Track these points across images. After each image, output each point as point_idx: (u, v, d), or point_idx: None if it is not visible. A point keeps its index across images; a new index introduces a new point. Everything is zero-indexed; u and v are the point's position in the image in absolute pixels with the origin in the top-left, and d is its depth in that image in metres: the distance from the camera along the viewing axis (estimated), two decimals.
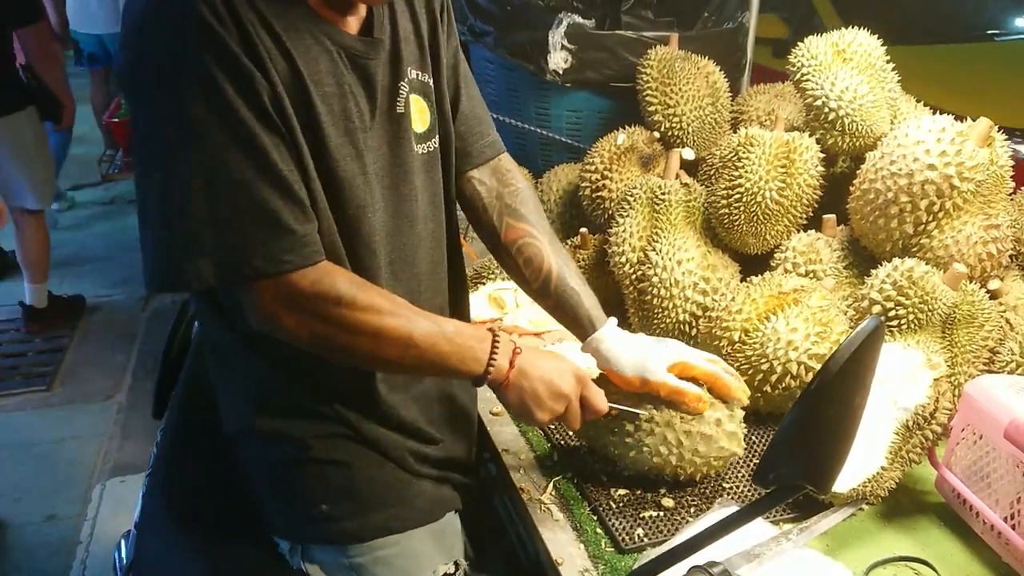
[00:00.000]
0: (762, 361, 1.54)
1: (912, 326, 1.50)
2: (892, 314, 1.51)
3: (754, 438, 1.57)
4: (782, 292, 1.61)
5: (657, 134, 2.16)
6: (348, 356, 1.20)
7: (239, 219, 1.06)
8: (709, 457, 1.39)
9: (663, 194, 1.86)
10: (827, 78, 1.80)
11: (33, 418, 3.78)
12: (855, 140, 1.80)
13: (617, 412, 1.38)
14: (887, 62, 1.87)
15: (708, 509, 1.38)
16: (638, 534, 1.34)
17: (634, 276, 1.85)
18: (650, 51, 2.20)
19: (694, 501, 1.41)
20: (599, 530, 1.36)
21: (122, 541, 1.77)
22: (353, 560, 1.30)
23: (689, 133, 2.14)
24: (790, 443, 0.94)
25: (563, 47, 2.29)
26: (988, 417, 1.31)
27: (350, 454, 1.29)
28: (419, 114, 1.28)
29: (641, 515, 1.38)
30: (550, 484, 1.46)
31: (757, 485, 1.40)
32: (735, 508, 1.34)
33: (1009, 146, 1.68)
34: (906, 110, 1.91)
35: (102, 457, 3.50)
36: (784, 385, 1.53)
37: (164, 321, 3.25)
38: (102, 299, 4.79)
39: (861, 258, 1.78)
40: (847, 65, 1.82)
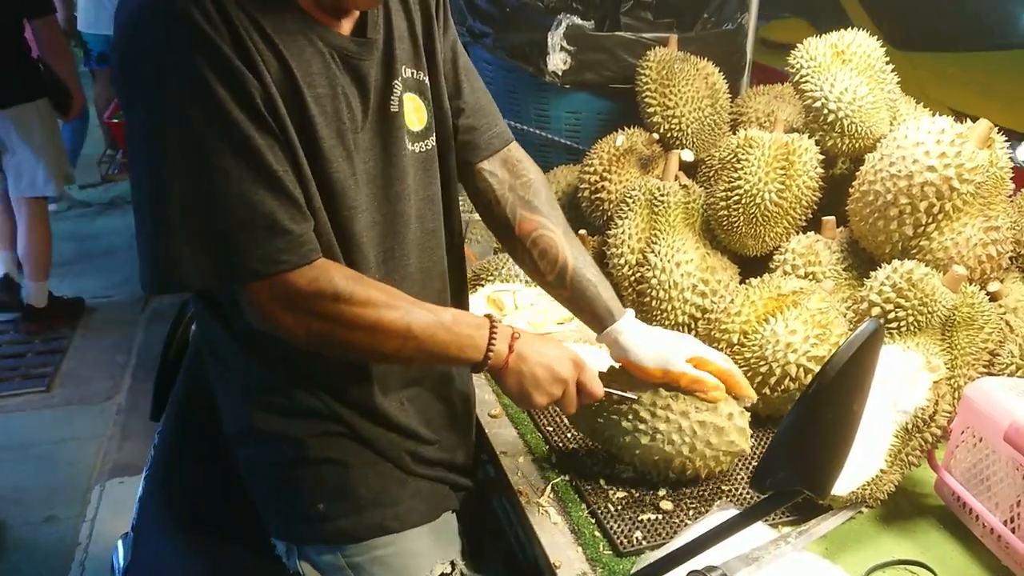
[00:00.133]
0: (761, 363, 1.53)
1: (912, 328, 1.50)
2: (891, 316, 1.51)
3: (753, 441, 1.57)
4: (781, 294, 1.61)
5: (656, 135, 2.16)
6: (347, 351, 1.20)
7: (235, 221, 1.07)
8: (719, 451, 1.39)
9: (662, 196, 1.86)
10: (826, 79, 1.80)
11: (32, 419, 3.77)
12: (854, 142, 1.80)
13: (614, 397, 1.39)
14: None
15: (707, 512, 1.38)
16: (636, 537, 1.33)
17: (633, 278, 1.84)
18: (649, 52, 2.20)
19: (693, 504, 1.41)
20: (597, 533, 1.36)
21: (120, 543, 1.77)
22: (350, 560, 1.30)
23: (688, 135, 2.13)
24: (788, 447, 0.93)
25: (562, 48, 2.29)
26: (988, 420, 1.30)
27: (347, 453, 1.29)
28: (415, 112, 1.28)
29: (639, 518, 1.37)
30: (548, 486, 1.46)
31: (755, 490, 1.40)
32: (734, 511, 1.34)
33: (1009, 149, 1.68)
34: (905, 112, 1.90)
35: (101, 458, 3.49)
36: (783, 387, 1.53)
37: (163, 322, 3.24)
38: (101, 300, 4.78)
39: (860, 260, 1.77)
40: (846, 67, 1.82)
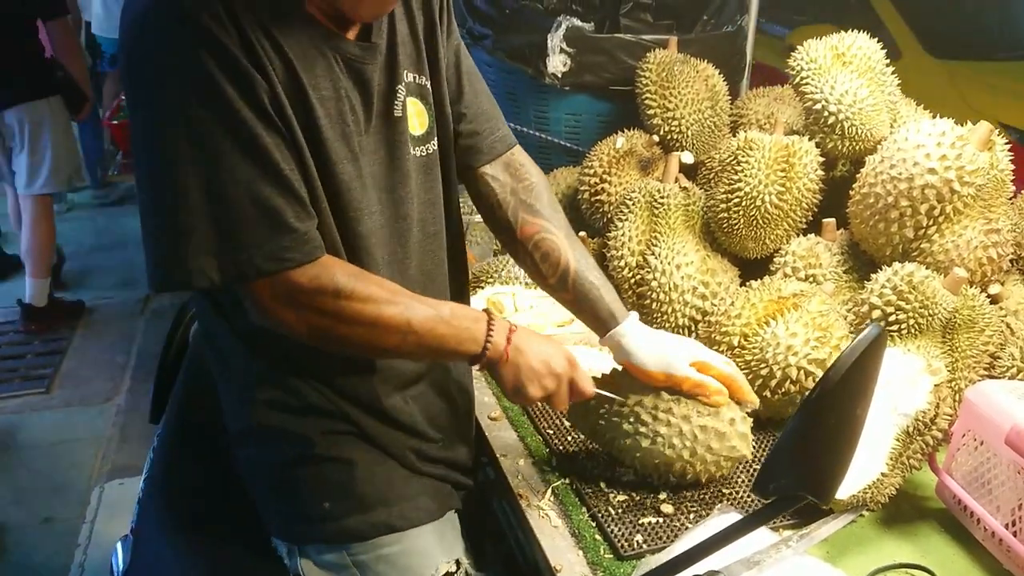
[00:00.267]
0: (762, 366, 1.53)
1: (912, 331, 1.50)
2: (892, 319, 1.51)
3: (754, 444, 1.56)
4: (782, 297, 1.60)
5: (656, 137, 2.16)
6: (348, 346, 1.21)
7: (241, 218, 1.07)
8: (720, 456, 1.39)
9: (662, 198, 1.86)
10: (827, 81, 1.80)
11: (32, 420, 3.77)
12: (855, 144, 1.80)
13: (601, 398, 1.40)
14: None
15: (707, 515, 1.37)
16: (637, 540, 1.33)
17: (633, 280, 1.84)
18: (649, 54, 2.20)
19: (693, 507, 1.41)
20: (598, 536, 1.35)
21: (119, 544, 1.77)
22: (356, 558, 1.30)
23: (688, 137, 2.13)
24: (791, 452, 0.93)
25: (562, 50, 2.29)
26: (989, 423, 1.30)
27: (351, 452, 1.29)
28: (417, 117, 1.28)
29: (640, 521, 1.37)
30: (549, 489, 1.45)
31: (757, 496, 1.39)
32: (735, 514, 1.34)
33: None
34: (906, 114, 1.90)
35: (100, 459, 3.49)
36: (784, 390, 1.53)
37: (163, 323, 3.24)
38: (101, 301, 4.78)
39: (861, 262, 1.77)
40: (847, 69, 1.82)
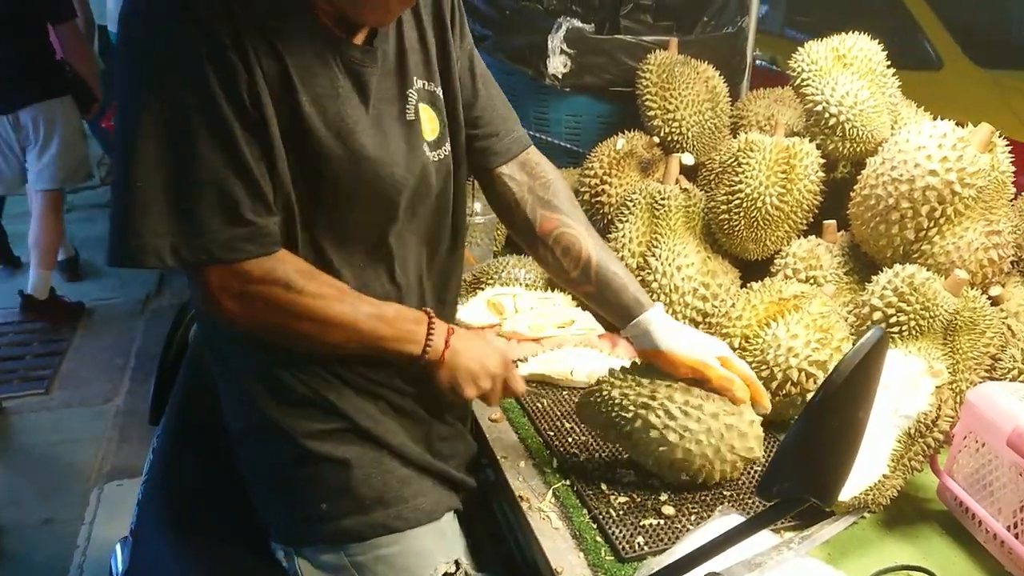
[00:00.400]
0: (762, 368, 1.53)
1: (913, 333, 1.50)
2: (893, 321, 1.51)
3: (762, 456, 1.56)
4: (782, 298, 1.60)
5: (656, 139, 2.16)
6: (291, 340, 1.23)
7: (200, 204, 1.09)
8: (738, 456, 1.40)
9: (662, 199, 1.86)
10: (827, 83, 1.80)
11: (31, 421, 3.77)
12: (856, 145, 1.80)
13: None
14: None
15: (709, 517, 1.37)
16: (638, 542, 1.33)
17: None
18: (649, 55, 2.20)
19: (695, 509, 1.41)
20: (599, 538, 1.35)
21: (118, 546, 1.77)
22: (354, 559, 1.30)
23: (689, 138, 2.13)
24: (794, 455, 0.93)
25: (562, 51, 2.29)
26: (990, 425, 1.30)
27: (350, 452, 1.29)
28: (428, 122, 1.30)
29: (641, 523, 1.37)
30: (549, 491, 1.45)
31: (761, 498, 1.39)
32: (735, 516, 1.34)
33: None
34: (907, 115, 1.90)
35: (100, 461, 3.49)
36: (785, 392, 1.53)
37: (162, 324, 3.23)
38: (100, 302, 4.78)
39: (862, 264, 1.77)
40: (847, 70, 1.82)
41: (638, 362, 1.47)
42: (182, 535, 1.42)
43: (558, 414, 1.65)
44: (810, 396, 0.98)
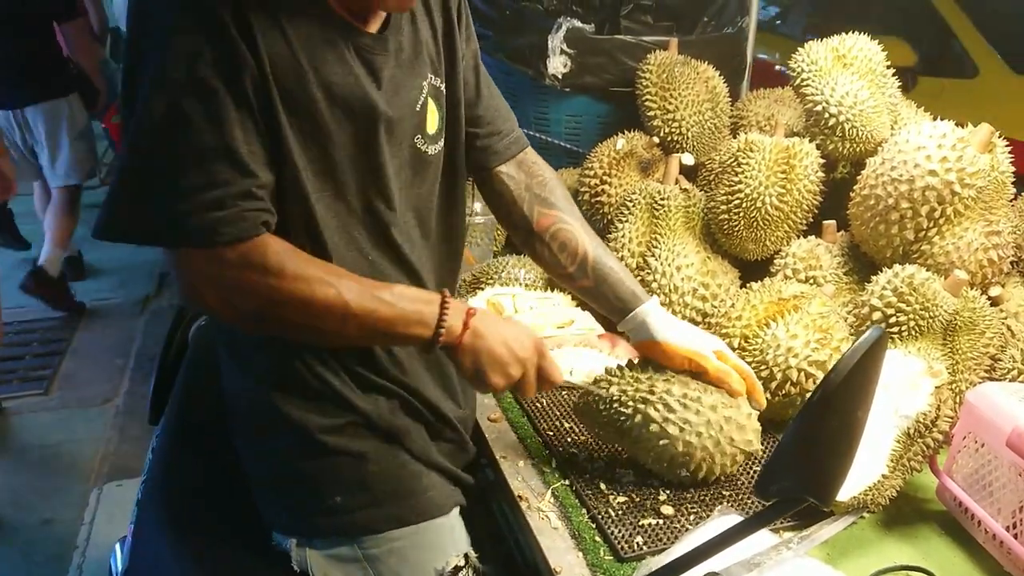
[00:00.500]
0: (762, 368, 1.53)
1: (913, 333, 1.50)
2: (893, 321, 1.51)
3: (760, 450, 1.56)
4: (782, 298, 1.60)
5: (656, 139, 2.16)
6: (284, 331, 1.19)
7: (185, 184, 1.07)
8: (737, 449, 1.40)
9: (662, 199, 1.86)
10: (827, 83, 1.80)
11: (30, 421, 3.76)
12: (855, 146, 1.80)
13: (570, 386, 1.40)
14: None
15: (708, 517, 1.37)
16: (637, 542, 1.33)
17: None
18: (649, 56, 2.20)
19: (694, 508, 1.41)
20: (598, 538, 1.35)
21: (118, 546, 1.77)
22: (367, 551, 1.30)
23: (688, 138, 2.13)
24: (792, 455, 0.93)
25: (562, 51, 2.29)
26: (990, 425, 1.30)
27: (366, 446, 1.29)
28: (430, 116, 1.30)
29: (640, 523, 1.37)
30: (548, 491, 1.45)
31: (759, 498, 1.39)
32: (735, 516, 1.34)
33: None
34: (906, 115, 1.90)
35: (99, 461, 3.49)
36: (784, 392, 1.52)
37: (162, 324, 3.23)
38: (100, 302, 4.79)
39: (861, 264, 1.77)
40: (847, 70, 1.82)
41: (635, 361, 1.48)
42: (182, 535, 1.42)
43: (557, 414, 1.65)
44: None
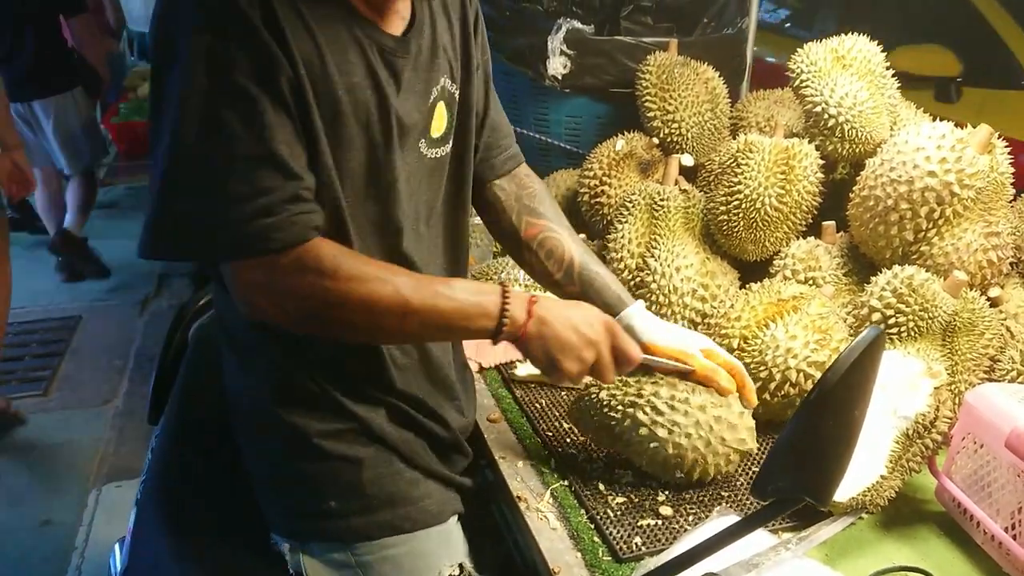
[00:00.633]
0: (761, 369, 1.53)
1: (912, 334, 1.50)
2: (892, 322, 1.51)
3: (756, 449, 1.56)
4: (781, 299, 1.60)
5: (656, 140, 2.16)
6: (344, 332, 1.18)
7: (231, 195, 1.06)
8: (730, 448, 1.40)
9: (662, 200, 1.86)
10: (826, 84, 1.80)
11: (29, 422, 3.76)
12: (855, 146, 1.80)
13: (651, 365, 1.36)
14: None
15: (706, 517, 1.37)
16: (636, 543, 1.33)
17: (632, 283, 1.84)
18: (649, 57, 2.20)
19: (692, 509, 1.41)
20: (596, 538, 1.35)
21: (117, 547, 1.77)
22: (360, 558, 1.30)
23: (688, 139, 2.13)
24: (789, 455, 0.93)
25: (562, 52, 2.29)
26: (989, 426, 1.30)
27: (363, 452, 1.29)
28: (437, 119, 1.29)
29: (639, 523, 1.37)
30: (547, 492, 1.45)
31: (755, 497, 1.39)
32: (733, 516, 1.34)
33: None
34: (906, 116, 1.90)
35: (98, 462, 3.49)
36: (783, 393, 1.52)
37: (161, 325, 3.23)
38: (98, 303, 4.78)
39: (861, 265, 1.77)
40: (847, 71, 1.82)
41: None
42: (181, 535, 1.42)
43: (556, 414, 1.65)
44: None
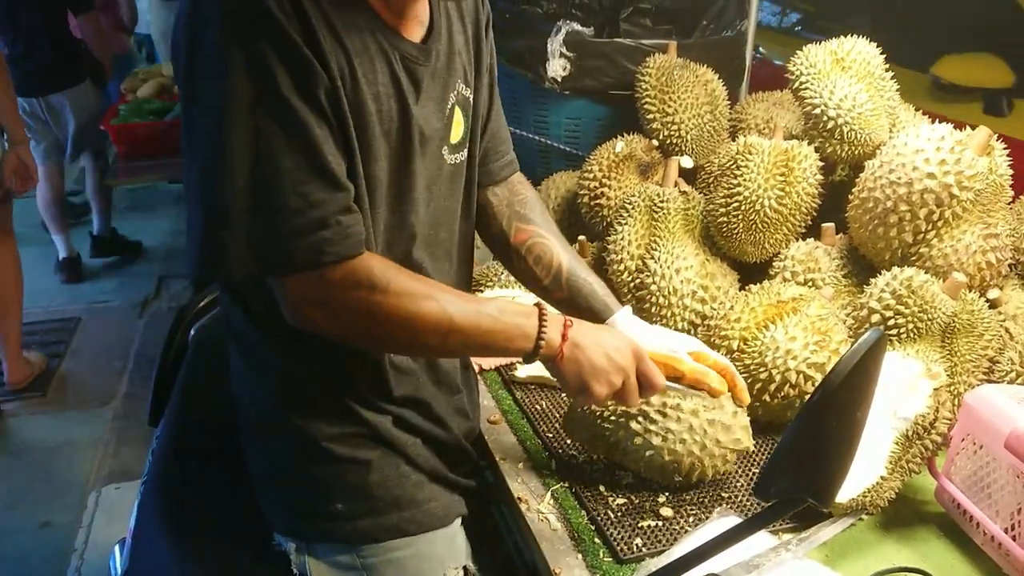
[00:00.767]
0: (761, 370, 1.53)
1: (911, 335, 1.50)
2: (891, 323, 1.51)
3: (754, 447, 1.56)
4: (781, 301, 1.61)
5: (656, 142, 2.16)
6: (388, 346, 1.20)
7: (283, 209, 1.05)
8: (726, 449, 1.40)
9: (662, 202, 1.86)
10: (826, 86, 1.80)
11: (28, 424, 3.76)
12: (854, 148, 1.80)
13: (673, 390, 1.35)
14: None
15: (707, 519, 1.38)
16: (636, 544, 1.33)
17: (632, 284, 1.84)
18: (649, 59, 2.20)
19: (693, 510, 1.41)
20: (597, 540, 1.35)
21: (116, 548, 1.77)
22: (365, 560, 1.30)
23: (688, 141, 2.13)
24: (792, 456, 0.93)
25: (562, 55, 2.29)
26: (988, 427, 1.30)
27: (371, 455, 1.29)
28: (455, 126, 1.30)
29: (640, 525, 1.37)
30: (548, 493, 1.45)
31: (758, 498, 1.40)
32: (734, 517, 1.34)
33: None
34: (905, 119, 1.90)
35: (98, 464, 3.48)
36: (783, 394, 1.53)
37: (160, 327, 3.23)
38: (98, 304, 4.78)
39: (860, 267, 1.77)
40: (846, 73, 1.82)
41: None
42: (182, 536, 1.42)
43: (557, 416, 1.65)
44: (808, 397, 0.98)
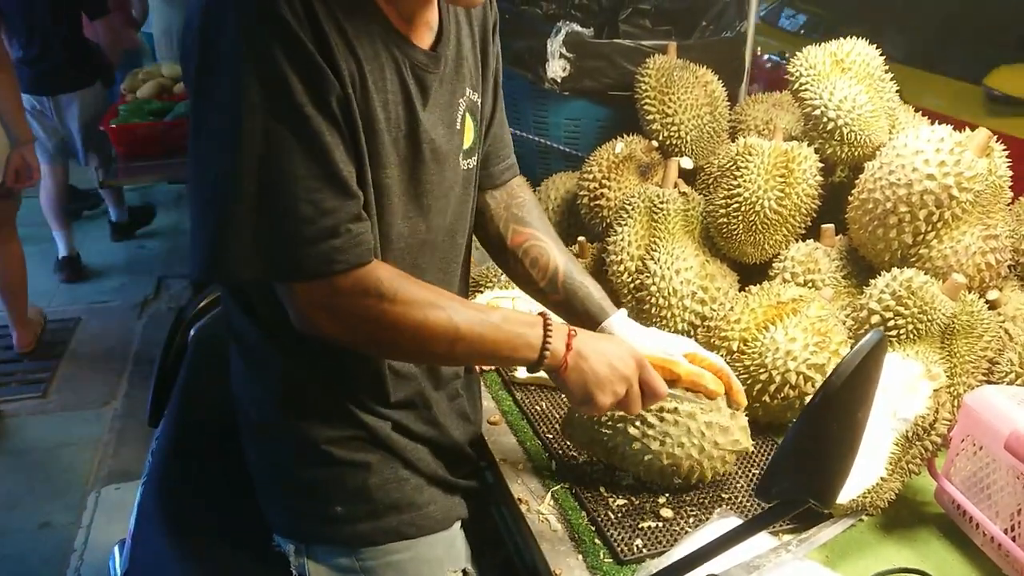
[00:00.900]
0: (761, 371, 1.54)
1: (911, 336, 1.50)
2: (891, 324, 1.51)
3: (753, 448, 1.56)
4: (780, 302, 1.61)
5: (655, 143, 2.16)
6: (394, 353, 1.22)
7: (294, 216, 1.05)
8: (725, 451, 1.40)
9: (661, 203, 1.86)
10: (826, 88, 1.80)
11: (28, 424, 3.76)
12: (854, 150, 1.80)
13: (675, 397, 1.37)
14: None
15: (707, 520, 1.38)
16: (637, 545, 1.33)
17: (632, 285, 1.84)
18: (648, 60, 2.20)
19: (693, 511, 1.41)
20: (597, 540, 1.35)
21: (116, 549, 1.77)
22: (364, 563, 1.30)
23: (687, 142, 2.14)
24: (793, 457, 0.93)
25: (561, 55, 2.29)
26: (988, 428, 1.30)
27: (370, 457, 1.29)
28: (467, 132, 1.30)
29: (640, 525, 1.37)
30: (548, 494, 1.45)
31: (760, 499, 1.39)
32: (734, 518, 1.35)
33: None
34: (904, 120, 1.91)
35: (97, 464, 3.48)
36: (783, 395, 1.53)
37: (160, 327, 3.23)
38: (98, 305, 4.78)
39: (860, 268, 1.78)
40: (846, 75, 1.82)
41: None
42: (182, 537, 1.42)
43: (556, 417, 1.65)
44: (809, 398, 0.98)
